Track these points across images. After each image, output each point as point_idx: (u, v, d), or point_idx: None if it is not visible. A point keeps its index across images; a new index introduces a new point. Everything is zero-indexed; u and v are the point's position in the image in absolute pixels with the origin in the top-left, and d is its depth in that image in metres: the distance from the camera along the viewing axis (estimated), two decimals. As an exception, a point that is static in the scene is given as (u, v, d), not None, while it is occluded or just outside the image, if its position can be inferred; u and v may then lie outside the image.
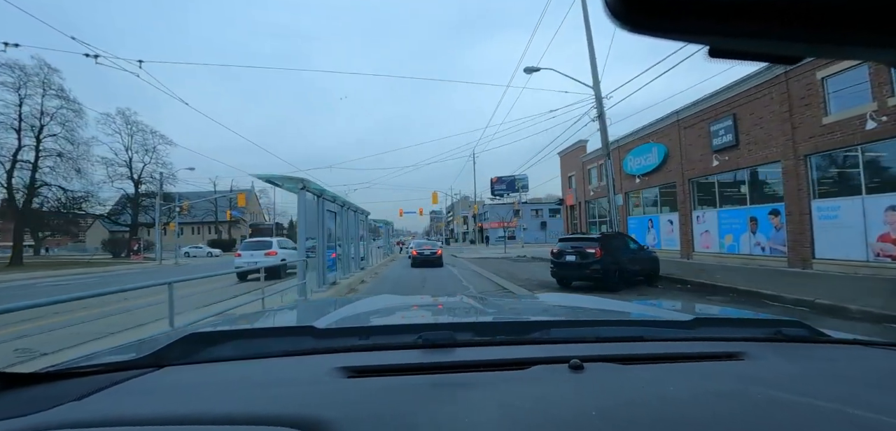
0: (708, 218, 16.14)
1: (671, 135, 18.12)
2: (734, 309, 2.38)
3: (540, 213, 57.61)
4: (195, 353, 0.99)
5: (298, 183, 7.74)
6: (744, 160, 14.29)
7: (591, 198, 25.59)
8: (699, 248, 16.57)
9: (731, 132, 14.67)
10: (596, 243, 10.25)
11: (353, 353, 0.97)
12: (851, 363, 0.98)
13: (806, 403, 0.70)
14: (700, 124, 16.26)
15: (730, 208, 15.14)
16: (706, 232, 16.24)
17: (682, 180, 17.33)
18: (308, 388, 0.79)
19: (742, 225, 14.52)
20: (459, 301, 2.18)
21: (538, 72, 16.72)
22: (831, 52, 0.30)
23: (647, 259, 11.76)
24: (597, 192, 24.87)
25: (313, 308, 1.98)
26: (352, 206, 13.29)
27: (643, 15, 0.28)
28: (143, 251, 34.51)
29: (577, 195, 27.74)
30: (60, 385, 0.80)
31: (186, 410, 0.70)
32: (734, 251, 14.84)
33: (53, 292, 11.47)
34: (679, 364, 0.92)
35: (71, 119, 31.44)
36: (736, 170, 14.71)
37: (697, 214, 16.73)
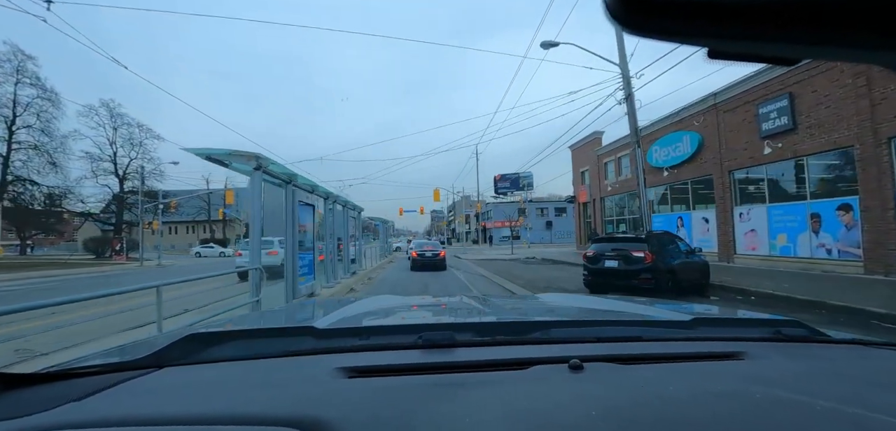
0: (754, 215, 13.94)
1: (707, 121, 15.91)
2: (733, 309, 2.08)
3: (545, 212, 55.45)
4: (195, 354, 0.99)
5: (250, 161, 5.38)
6: (804, 146, 12.09)
7: (607, 194, 23.39)
8: (743, 250, 14.37)
9: (786, 114, 12.47)
10: (645, 245, 8.05)
11: (354, 353, 0.97)
12: (851, 362, 0.98)
13: (806, 403, 0.70)
14: (745, 107, 14.05)
15: (784, 203, 12.94)
16: (751, 231, 14.05)
17: (721, 172, 15.13)
18: (308, 388, 0.79)
19: (800, 224, 12.32)
20: (459, 301, 2.19)
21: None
22: (831, 53, 0.30)
23: (698, 265, 9.53)
24: (615, 188, 22.68)
25: (314, 308, 1.98)
26: (339, 200, 11.21)
27: (642, 16, 0.28)
28: (126, 251, 32.32)
29: (590, 191, 25.54)
30: (60, 386, 0.80)
31: (187, 411, 0.70)
32: (789, 253, 12.65)
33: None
34: (679, 364, 0.93)
35: (47, 109, 29.34)
36: (792, 159, 12.50)
37: (740, 211, 14.53)
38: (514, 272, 16.10)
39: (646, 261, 7.82)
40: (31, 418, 0.67)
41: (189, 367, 0.93)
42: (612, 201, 23.42)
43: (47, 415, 0.68)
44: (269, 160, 5.96)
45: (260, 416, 0.66)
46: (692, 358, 0.97)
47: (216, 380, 0.85)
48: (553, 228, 54.55)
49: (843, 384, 0.83)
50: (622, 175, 22.11)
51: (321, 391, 0.77)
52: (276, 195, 6.75)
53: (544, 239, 52.00)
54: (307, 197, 7.74)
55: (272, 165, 6.21)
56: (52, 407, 0.70)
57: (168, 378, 0.87)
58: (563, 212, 55.28)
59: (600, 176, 24.30)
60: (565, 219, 55.29)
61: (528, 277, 14.12)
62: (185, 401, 0.75)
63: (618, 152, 22.34)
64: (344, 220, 11.46)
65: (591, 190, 25.47)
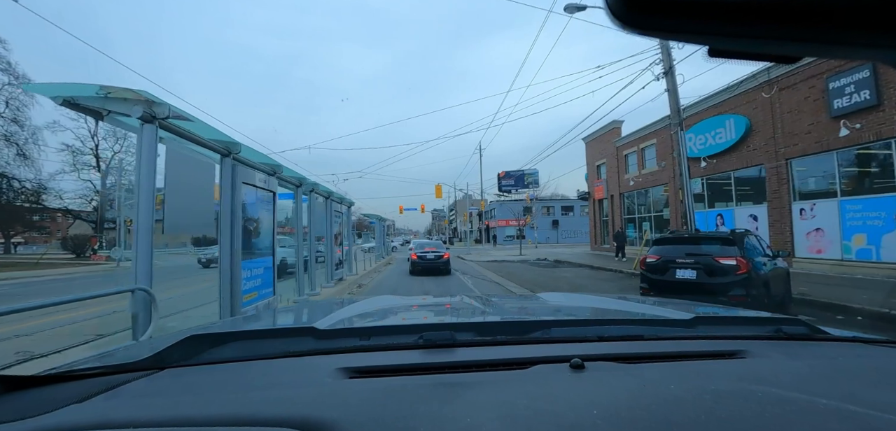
0: (821, 211, 11.65)
1: (756, 101, 13.62)
2: (734, 308, 2.20)
3: (551, 211, 53.15)
4: (196, 355, 0.99)
5: (137, 105, 3.08)
6: (890, 127, 9.81)
7: (629, 189, 21.09)
8: (804, 252, 12.08)
9: (867, 87, 10.19)
10: (735, 249, 5.78)
11: (354, 354, 0.97)
12: (852, 360, 0.98)
13: (807, 401, 0.70)
14: (809, 82, 11.76)
15: (863, 197, 10.65)
16: (817, 230, 11.76)
17: (776, 160, 12.84)
18: (309, 389, 0.79)
19: (888, 222, 10.03)
20: (460, 301, 2.18)
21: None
22: (831, 51, 0.30)
23: (783, 273, 7.24)
24: (638, 182, 20.37)
25: (314, 308, 2.01)
26: (320, 189, 8.98)
27: (643, 15, 0.28)
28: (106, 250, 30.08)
29: (607, 186, 23.24)
30: (62, 388, 0.80)
31: (188, 412, 0.70)
32: (869, 257, 10.37)
33: None
34: (680, 363, 0.92)
35: (17, 96, 27.10)
36: (875, 142, 10.22)
37: (802, 207, 12.23)
38: (530, 277, 13.83)
39: (739, 272, 5.55)
40: (33, 420, 0.67)
41: (190, 368, 0.92)
42: (634, 197, 21.13)
43: (49, 417, 0.68)
44: (181, 112, 3.67)
45: (261, 417, 0.66)
46: (693, 356, 0.97)
47: (217, 381, 0.85)
48: (559, 227, 52.28)
49: (845, 382, 0.82)
50: (646, 167, 19.81)
51: (322, 391, 0.77)
52: (200, 171, 4.48)
53: (550, 239, 49.79)
54: (262, 180, 5.48)
55: (188, 124, 3.92)
56: (54, 409, 0.70)
57: (169, 379, 0.87)
58: (569, 210, 53.08)
59: (620, 169, 21.99)
60: (572, 218, 53.14)
61: (550, 286, 11.82)
62: (187, 403, 0.75)
63: (641, 141, 20.04)
64: (327, 215, 9.24)
65: (609, 185, 23.17)
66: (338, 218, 10.16)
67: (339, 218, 10.20)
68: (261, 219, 5.60)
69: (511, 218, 52.75)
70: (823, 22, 0.26)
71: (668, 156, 17.86)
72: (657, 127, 18.56)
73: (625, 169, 21.64)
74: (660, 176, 18.67)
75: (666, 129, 17.81)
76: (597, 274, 14.69)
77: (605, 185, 23.44)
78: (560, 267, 18.35)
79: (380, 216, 24.67)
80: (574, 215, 53.53)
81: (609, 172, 23.17)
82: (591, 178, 25.42)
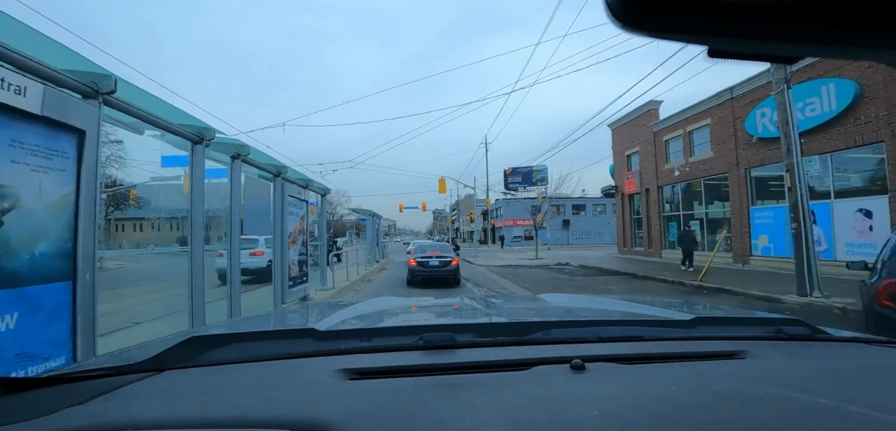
0: None
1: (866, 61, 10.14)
2: (734, 309, 2.18)
3: (562, 210, 49.65)
4: (197, 356, 0.98)
5: None
6: None
7: (675, 180, 17.65)
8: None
9: None
10: None
11: (355, 355, 0.96)
12: (852, 361, 0.98)
13: (807, 401, 0.70)
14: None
15: None
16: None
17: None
18: (309, 390, 0.78)
19: None
20: (460, 302, 2.20)
21: None
22: (831, 52, 0.31)
23: None
24: (684, 172, 16.94)
25: (315, 310, 2.00)
26: (267, 163, 5.64)
27: (642, 15, 0.28)
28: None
29: (641, 179, 19.83)
30: (62, 390, 0.80)
31: (188, 413, 0.70)
32: None
33: None
34: (680, 364, 0.92)
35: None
36: None
37: (953, 197, 8.80)
38: (564, 290, 10.43)
39: None
40: (34, 422, 0.67)
41: (190, 370, 0.92)
42: (677, 190, 17.70)
43: (49, 419, 0.68)
44: None
45: (261, 419, 0.66)
46: (693, 357, 0.96)
47: (217, 383, 0.85)
48: (571, 228, 48.87)
49: (845, 382, 0.83)
50: (696, 154, 16.38)
51: (322, 393, 0.77)
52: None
53: (560, 240, 46.42)
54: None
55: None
56: (55, 411, 0.70)
57: (170, 381, 0.87)
58: (581, 209, 49.67)
59: (658, 158, 18.58)
60: (584, 218, 49.75)
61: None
62: (187, 404, 0.74)
63: (689, 123, 16.60)
64: (274, 204, 5.91)
65: (643, 177, 19.76)
66: (296, 209, 6.78)
67: (298, 209, 6.82)
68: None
69: (519, 218, 49.39)
70: (823, 22, 0.27)
71: (728, 138, 14.44)
72: (712, 103, 15.13)
73: (665, 157, 18.21)
74: (715, 163, 15.24)
75: (726, 106, 14.38)
76: (662, 289, 11.27)
77: (638, 178, 20.02)
78: (594, 276, 14.92)
79: (372, 212, 20.84)
80: (586, 214, 50.14)
81: (643, 162, 19.74)
82: (619, 170, 21.99)
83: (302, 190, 7.16)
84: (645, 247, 19.80)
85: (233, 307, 4.72)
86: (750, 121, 13.38)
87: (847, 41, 0.28)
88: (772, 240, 12.95)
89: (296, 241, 6.66)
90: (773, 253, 12.87)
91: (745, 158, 13.79)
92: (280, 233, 6.05)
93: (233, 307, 4.72)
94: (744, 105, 13.69)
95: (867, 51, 0.30)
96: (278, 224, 6.04)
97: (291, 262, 6.41)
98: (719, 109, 14.87)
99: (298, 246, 6.80)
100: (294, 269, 6.54)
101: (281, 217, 6.09)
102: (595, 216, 50.25)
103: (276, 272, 5.97)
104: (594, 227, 49.19)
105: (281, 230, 6.05)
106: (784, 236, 12.56)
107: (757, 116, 13.10)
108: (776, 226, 12.83)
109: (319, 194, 8.76)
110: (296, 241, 6.66)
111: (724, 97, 14.54)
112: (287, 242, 6.21)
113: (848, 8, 0.26)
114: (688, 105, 16.61)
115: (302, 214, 7.07)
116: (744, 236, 13.82)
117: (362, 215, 23.68)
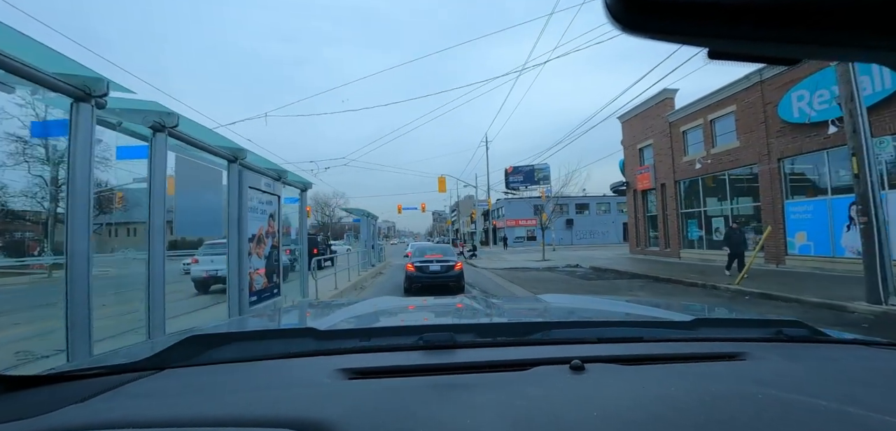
0: None
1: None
2: (735, 310, 2.17)
3: (565, 209, 48.28)
4: (197, 355, 0.98)
5: None
6: None
7: (695, 173, 16.29)
8: None
9: None
10: None
11: (354, 355, 0.96)
12: (852, 363, 0.97)
13: (807, 403, 0.69)
14: None
15: None
16: None
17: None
18: (309, 390, 0.78)
19: None
20: (460, 302, 2.15)
21: None
22: (831, 53, 0.31)
23: None
24: (706, 165, 15.58)
25: (315, 309, 1.98)
26: (215, 148, 4.29)
27: (641, 17, 0.28)
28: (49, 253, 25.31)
29: (656, 173, 18.49)
30: (62, 388, 0.79)
31: (188, 412, 0.69)
32: None
33: None
34: (680, 365, 0.92)
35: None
36: None
37: None
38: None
39: None
40: (34, 420, 0.66)
41: (190, 369, 0.92)
42: (697, 184, 16.35)
43: (50, 417, 0.67)
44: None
45: (261, 418, 0.66)
46: (693, 358, 0.96)
47: (217, 382, 0.84)
48: (574, 227, 47.50)
49: (845, 384, 0.82)
50: (719, 144, 15.03)
51: (322, 392, 0.76)
52: None
53: (564, 240, 45.09)
54: None
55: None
56: (55, 409, 0.69)
57: (170, 380, 0.86)
58: (584, 208, 48.32)
59: (675, 150, 17.24)
60: (587, 218, 48.40)
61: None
62: (187, 403, 0.74)
63: (711, 111, 15.25)
64: (229, 197, 4.55)
65: (657, 171, 18.42)
66: (264, 205, 5.41)
67: (265, 205, 5.45)
68: None
69: (521, 218, 47.98)
70: (823, 23, 0.27)
71: (756, 126, 13.10)
72: (738, 88, 13.79)
73: (682, 149, 16.87)
74: (741, 154, 13.90)
75: (754, 90, 13.03)
76: (694, 295, 9.94)
77: (653, 172, 18.68)
78: (612, 279, 13.58)
79: (367, 211, 18.99)
80: (590, 214, 48.83)
81: (658, 155, 18.40)
82: (631, 165, 20.65)
83: (273, 182, 5.80)
84: (660, 247, 18.46)
85: (152, 326, 3.40)
86: (784, 106, 12.04)
87: (846, 43, 0.28)
88: (811, 238, 11.60)
89: (263, 244, 5.31)
90: (812, 252, 11.52)
91: (778, 147, 12.45)
92: (237, 235, 4.69)
93: (152, 326, 3.40)
94: (776, 88, 12.35)
95: (867, 52, 0.30)
96: (234, 223, 4.68)
97: (254, 271, 5.05)
98: (746, 94, 13.53)
99: (266, 251, 5.45)
100: (259, 280, 5.19)
101: (238, 214, 4.73)
102: (599, 215, 48.90)
103: (231, 284, 4.61)
104: (598, 227, 47.83)
105: (238, 230, 4.70)
106: (826, 233, 11.22)
107: (793, 99, 11.77)
108: (816, 222, 11.49)
109: (299, 189, 7.39)
110: (263, 244, 5.31)
111: (752, 80, 13.20)
112: (247, 246, 4.86)
113: (847, 10, 0.26)
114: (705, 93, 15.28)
115: (273, 212, 5.71)
116: (777, 234, 12.46)
117: (355, 215, 22.09)
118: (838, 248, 11.00)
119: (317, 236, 23.63)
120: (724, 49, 0.32)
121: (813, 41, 0.29)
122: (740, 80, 13.68)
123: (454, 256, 10.77)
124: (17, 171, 23.58)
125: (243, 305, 4.77)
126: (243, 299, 4.79)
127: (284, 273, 9.84)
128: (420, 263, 10.29)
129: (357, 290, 11.14)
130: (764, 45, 0.30)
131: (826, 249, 11.25)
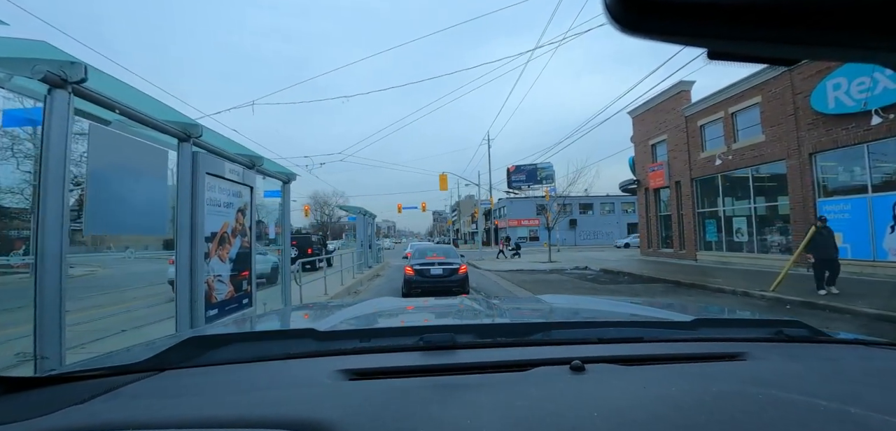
0: None
1: None
2: (735, 310, 2.06)
3: (568, 209, 47.26)
4: (197, 356, 0.97)
5: None
6: None
7: (712, 171, 15.29)
8: None
9: None
10: None
11: (355, 356, 0.96)
12: (853, 363, 0.96)
13: (808, 403, 0.69)
14: None
15: None
16: None
17: None
18: (309, 391, 0.78)
19: None
20: (460, 302, 2.15)
21: None
22: (829, 54, 0.31)
23: None
24: (726, 161, 14.57)
25: (315, 310, 1.95)
26: (152, 120, 3.39)
27: (641, 17, 0.28)
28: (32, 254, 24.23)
29: (670, 170, 17.49)
30: (63, 389, 0.79)
31: (189, 413, 0.69)
32: None
33: None
34: (680, 365, 0.91)
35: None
36: None
37: None
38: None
39: None
40: (34, 421, 0.66)
41: (191, 370, 0.91)
42: (716, 182, 15.34)
43: (50, 418, 0.67)
44: None
45: (261, 419, 0.66)
46: (694, 358, 0.95)
47: (218, 383, 0.84)
48: (578, 228, 46.49)
49: (846, 384, 0.81)
50: (741, 139, 14.02)
51: (322, 393, 0.76)
52: None
53: (567, 241, 44.12)
54: None
55: None
56: (55, 410, 0.69)
57: (170, 380, 0.86)
58: (588, 208, 47.28)
59: (691, 146, 16.23)
60: (591, 218, 47.37)
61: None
62: (187, 404, 0.74)
63: (732, 103, 14.24)
64: (182, 185, 3.62)
65: (672, 168, 17.42)
66: (231, 199, 4.42)
67: (231, 198, 4.46)
68: None
69: (523, 218, 46.92)
70: (823, 23, 0.27)
71: (785, 118, 12.09)
72: (763, 77, 12.78)
73: (700, 145, 15.86)
74: (767, 149, 12.90)
75: (781, 79, 12.02)
76: (726, 304, 8.94)
77: (667, 169, 17.68)
78: (628, 284, 12.56)
79: (363, 210, 17.75)
80: (594, 214, 47.83)
81: (672, 152, 17.40)
82: (642, 162, 19.65)
83: (243, 170, 4.81)
84: (674, 248, 17.45)
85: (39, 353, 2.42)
86: (818, 96, 11.03)
87: (847, 43, 0.28)
88: (848, 240, 10.59)
89: (227, 245, 4.32)
90: (850, 254, 10.50)
91: (810, 141, 11.44)
92: (188, 233, 3.71)
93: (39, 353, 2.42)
94: (808, 77, 11.34)
95: (867, 53, 0.30)
96: (184, 217, 3.70)
97: (214, 278, 4.06)
98: (773, 84, 12.53)
99: (233, 252, 4.45)
100: (221, 288, 4.20)
101: (190, 207, 3.75)
102: (603, 215, 47.89)
103: (181, 293, 3.63)
104: (602, 227, 46.81)
105: (190, 227, 3.71)
106: (866, 235, 10.22)
107: (828, 89, 10.77)
108: (855, 223, 10.48)
109: (281, 181, 6.39)
110: (227, 245, 4.32)
111: (780, 69, 12.17)
112: (204, 247, 3.88)
113: (847, 11, 0.26)
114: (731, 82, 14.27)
115: (242, 206, 4.72)
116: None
117: (351, 213, 20.92)
118: (880, 251, 10.00)
119: (311, 236, 22.61)
120: (724, 49, 0.31)
121: (813, 41, 0.28)
122: (766, 70, 12.66)
123: (458, 259, 9.75)
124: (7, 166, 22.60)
125: (197, 319, 3.77)
126: (197, 311, 3.78)
127: (268, 277, 8.85)
128: (420, 266, 9.30)
129: (350, 296, 10.15)
130: (764, 46, 0.30)
131: (866, 252, 10.25)
